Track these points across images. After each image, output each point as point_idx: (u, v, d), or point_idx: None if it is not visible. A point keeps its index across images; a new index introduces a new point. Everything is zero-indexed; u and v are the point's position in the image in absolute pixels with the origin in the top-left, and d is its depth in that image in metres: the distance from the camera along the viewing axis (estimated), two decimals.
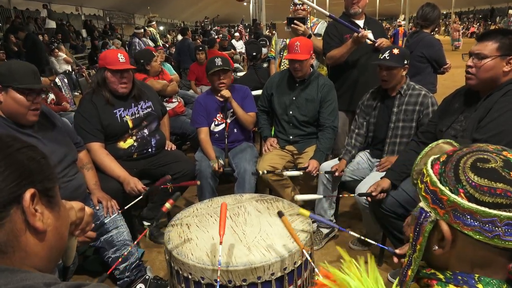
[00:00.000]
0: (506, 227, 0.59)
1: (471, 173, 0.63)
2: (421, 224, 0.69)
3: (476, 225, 0.61)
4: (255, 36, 8.95)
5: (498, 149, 0.66)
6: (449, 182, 0.65)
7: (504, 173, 0.61)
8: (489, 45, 1.61)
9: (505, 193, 0.60)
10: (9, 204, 0.56)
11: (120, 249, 1.99)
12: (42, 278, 0.56)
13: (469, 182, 0.62)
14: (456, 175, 0.64)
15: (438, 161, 0.69)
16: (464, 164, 0.64)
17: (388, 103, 2.32)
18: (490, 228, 0.60)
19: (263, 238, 1.55)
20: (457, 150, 0.69)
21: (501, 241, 0.60)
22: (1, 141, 0.60)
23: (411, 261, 0.73)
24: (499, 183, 0.60)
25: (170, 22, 28.08)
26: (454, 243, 0.65)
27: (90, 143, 2.26)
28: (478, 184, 0.61)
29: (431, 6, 3.15)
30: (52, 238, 0.63)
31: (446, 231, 0.65)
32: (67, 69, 8.83)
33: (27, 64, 1.83)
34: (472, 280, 0.64)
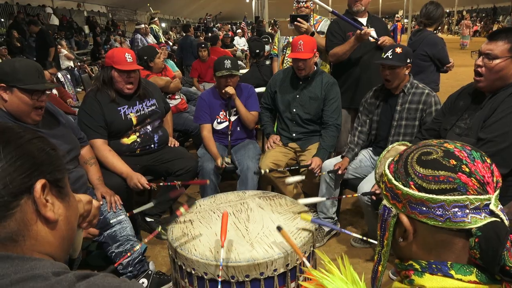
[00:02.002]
0: (454, 210, 0.65)
1: (417, 166, 0.69)
2: (386, 220, 0.75)
3: (428, 212, 0.67)
4: (258, 34, 8.95)
5: (441, 142, 0.72)
6: (401, 178, 0.71)
7: (445, 162, 0.67)
8: (501, 45, 1.59)
9: (447, 178, 0.66)
10: (20, 194, 0.57)
11: (123, 244, 2.00)
12: (51, 267, 0.56)
13: (416, 174, 0.69)
14: (406, 169, 0.71)
15: (393, 161, 0.76)
16: (411, 160, 0.71)
17: (391, 101, 2.32)
18: (441, 213, 0.66)
19: (266, 235, 1.56)
20: (407, 148, 0.76)
21: (452, 223, 0.66)
22: (13, 132, 0.61)
23: (381, 257, 0.80)
24: (441, 171, 0.67)
25: (173, 19, 28.04)
26: (415, 233, 0.71)
27: (94, 140, 2.27)
28: (424, 174, 0.68)
29: (435, 4, 3.14)
30: (63, 227, 0.64)
31: (406, 222, 0.71)
32: (70, 65, 8.84)
33: (32, 62, 1.83)
34: (445, 267, 0.68)
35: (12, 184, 0.56)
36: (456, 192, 0.66)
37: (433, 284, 0.68)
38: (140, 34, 8.20)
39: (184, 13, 30.33)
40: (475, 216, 0.65)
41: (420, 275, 0.71)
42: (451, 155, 0.68)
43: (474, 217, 0.65)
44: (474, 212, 0.65)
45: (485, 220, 0.65)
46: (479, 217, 0.65)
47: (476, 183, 0.66)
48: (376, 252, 0.81)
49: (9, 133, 0.60)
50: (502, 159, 1.57)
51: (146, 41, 7.93)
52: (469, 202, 0.65)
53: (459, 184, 0.66)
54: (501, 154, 1.57)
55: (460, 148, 0.70)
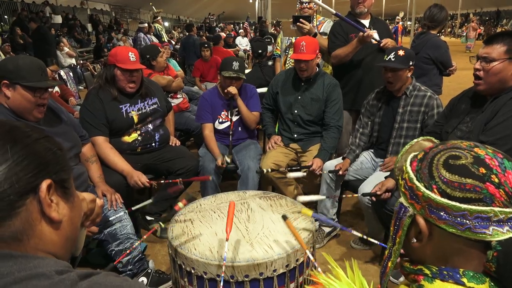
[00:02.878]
0: (476, 220, 0.63)
1: (443, 169, 0.66)
2: (401, 219, 0.73)
3: (449, 219, 0.64)
4: (260, 34, 8.95)
5: (471, 145, 0.68)
6: (424, 179, 0.68)
7: (474, 169, 0.64)
8: (497, 48, 1.61)
9: (474, 188, 0.63)
10: (26, 194, 0.57)
11: (123, 242, 2.01)
12: (54, 266, 0.57)
13: (441, 178, 0.66)
14: (430, 171, 0.67)
15: (416, 158, 0.73)
16: (437, 161, 0.67)
17: (393, 103, 2.32)
18: (461, 222, 0.64)
19: (266, 235, 1.56)
20: (434, 147, 0.72)
21: (472, 233, 0.64)
22: (20, 131, 0.61)
23: (391, 253, 0.77)
24: (469, 179, 0.63)
25: (175, 18, 28.08)
26: (430, 236, 0.68)
27: (95, 137, 2.27)
28: (449, 180, 0.65)
29: (439, 7, 3.13)
30: (67, 228, 0.64)
31: (422, 225, 0.68)
32: (72, 63, 8.85)
33: (35, 60, 1.83)
34: (457, 275, 0.66)
35: (19, 184, 0.56)
36: (481, 203, 0.63)
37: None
38: (143, 32, 8.20)
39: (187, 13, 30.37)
40: (497, 229, 0.63)
41: (430, 281, 0.68)
42: (481, 163, 0.64)
43: (496, 230, 0.63)
44: (496, 224, 0.63)
45: (507, 235, 0.63)
46: (501, 230, 0.63)
47: (504, 195, 0.63)
48: (387, 248, 0.79)
49: (17, 132, 0.60)
50: None
51: (149, 40, 7.93)
52: (494, 214, 0.62)
53: (485, 194, 0.63)
54: None
55: (491, 155, 0.66)
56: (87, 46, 12.68)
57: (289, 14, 3.35)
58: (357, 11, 2.83)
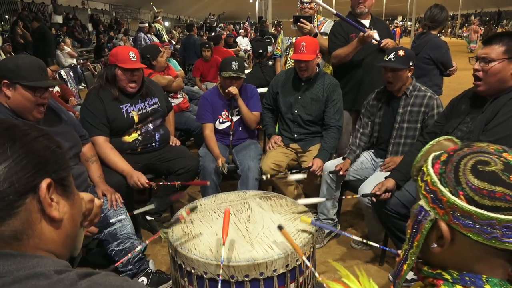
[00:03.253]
0: (504, 229, 0.60)
1: (471, 175, 0.63)
2: (420, 222, 0.70)
3: (475, 226, 0.62)
4: (261, 34, 8.95)
5: (499, 150, 0.66)
6: (449, 184, 0.65)
7: (504, 177, 0.61)
8: (496, 48, 1.61)
9: (504, 196, 0.60)
10: (25, 193, 0.57)
11: (123, 242, 2.01)
12: (53, 265, 0.56)
13: (469, 184, 0.63)
14: (456, 176, 0.65)
15: (439, 160, 0.69)
16: (464, 166, 0.65)
17: (394, 103, 2.32)
18: (488, 230, 0.61)
19: (266, 235, 1.56)
20: (458, 149, 0.69)
21: (499, 242, 0.61)
22: (19, 129, 0.60)
23: (407, 256, 0.74)
24: (499, 187, 0.61)
25: (176, 18, 28.08)
26: (452, 242, 0.66)
27: (95, 137, 2.27)
28: (478, 187, 0.62)
29: (439, 7, 3.13)
30: (68, 225, 0.64)
31: (445, 231, 0.66)
32: (72, 62, 8.86)
33: (35, 59, 1.83)
34: (480, 281, 0.64)
35: (18, 183, 0.56)
36: (511, 212, 0.60)
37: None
38: (144, 33, 8.21)
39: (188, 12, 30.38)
40: None
41: (450, 286, 0.66)
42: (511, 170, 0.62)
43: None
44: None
45: None
46: None
47: None
48: (402, 250, 0.76)
49: (15, 130, 0.60)
50: None
51: (149, 39, 7.93)
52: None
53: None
54: None
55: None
56: (88, 45, 12.68)
57: (290, 14, 3.35)
58: (357, 11, 2.83)
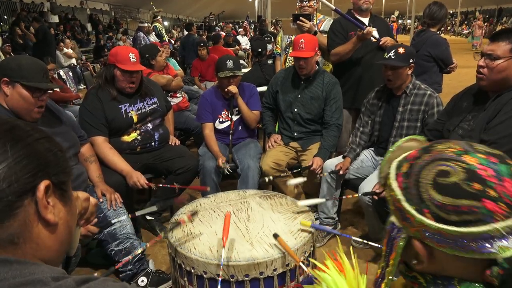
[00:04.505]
0: (478, 241, 0.58)
1: (433, 191, 0.60)
2: (394, 239, 0.67)
3: (448, 242, 0.59)
4: (260, 33, 8.94)
5: (460, 152, 0.61)
6: (413, 201, 0.62)
7: (467, 187, 0.58)
8: (502, 46, 1.59)
9: (471, 209, 0.57)
10: (24, 194, 0.56)
11: (123, 242, 2.00)
12: (50, 272, 0.55)
13: (433, 201, 0.59)
14: (419, 193, 0.61)
15: (401, 172, 0.66)
16: (425, 181, 0.61)
17: (393, 102, 2.31)
18: (463, 244, 0.58)
19: (266, 234, 1.56)
20: (418, 157, 0.65)
21: (477, 253, 0.58)
22: (21, 130, 0.60)
23: (384, 274, 0.70)
24: (463, 200, 0.58)
25: (175, 18, 28.05)
26: (432, 256, 0.63)
27: (94, 137, 2.27)
28: (442, 203, 0.59)
29: (438, 4, 3.12)
30: (62, 231, 0.63)
31: (420, 249, 0.63)
32: (72, 62, 8.85)
33: (37, 61, 1.83)
34: (452, 285, 0.62)
35: (17, 183, 0.55)
36: (480, 223, 0.57)
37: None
38: (143, 32, 8.19)
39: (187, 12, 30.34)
40: (503, 245, 0.57)
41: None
42: (474, 177, 0.58)
43: (502, 246, 0.57)
44: (502, 239, 0.57)
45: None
46: (508, 245, 0.57)
47: (505, 208, 0.57)
48: (379, 266, 0.73)
49: (18, 130, 0.59)
50: None
51: (148, 39, 7.92)
52: (495, 231, 0.57)
53: (483, 213, 0.57)
54: None
55: (485, 164, 0.59)
56: (87, 46, 12.67)
57: (289, 13, 3.34)
58: (363, 7, 2.81)
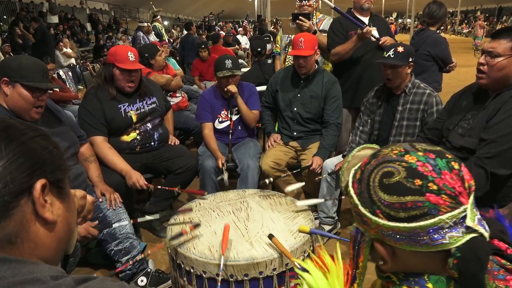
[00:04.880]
0: (430, 234, 0.61)
1: (380, 192, 0.63)
2: (359, 243, 0.71)
3: (403, 239, 0.63)
4: (260, 32, 8.93)
5: (402, 152, 0.65)
6: (367, 204, 0.66)
7: (409, 184, 0.61)
8: (503, 44, 1.59)
9: (415, 204, 0.61)
10: (20, 194, 0.56)
11: (123, 242, 2.00)
12: (49, 271, 0.55)
13: (382, 201, 0.63)
14: (370, 196, 0.65)
15: (356, 179, 0.70)
16: (373, 183, 0.65)
17: (393, 101, 2.31)
18: (417, 239, 0.62)
19: (265, 234, 1.56)
20: (367, 163, 0.68)
21: (432, 246, 0.62)
22: (15, 128, 0.59)
23: (355, 276, 0.75)
24: (407, 196, 0.61)
25: (175, 17, 28.03)
26: (395, 255, 0.67)
27: (93, 137, 2.26)
28: (389, 202, 0.62)
29: (438, 3, 3.12)
30: (61, 229, 0.63)
31: (381, 251, 0.67)
32: (71, 62, 8.84)
33: (38, 61, 1.83)
34: (422, 280, 0.65)
35: (13, 183, 0.55)
36: (427, 216, 0.61)
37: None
38: (142, 32, 8.18)
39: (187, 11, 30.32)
40: (453, 235, 0.61)
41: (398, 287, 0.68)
42: (414, 174, 0.62)
43: (452, 236, 0.61)
44: (451, 230, 0.61)
45: (464, 238, 0.61)
46: (457, 234, 0.61)
47: (448, 199, 0.61)
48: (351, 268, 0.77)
49: (12, 130, 0.58)
50: (504, 160, 1.56)
51: (148, 39, 7.91)
52: (443, 222, 0.60)
53: (428, 207, 0.60)
54: (503, 155, 1.56)
55: (423, 160, 0.63)
56: (87, 45, 12.66)
57: (289, 12, 3.33)
58: (365, 7, 2.81)
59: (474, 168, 1.58)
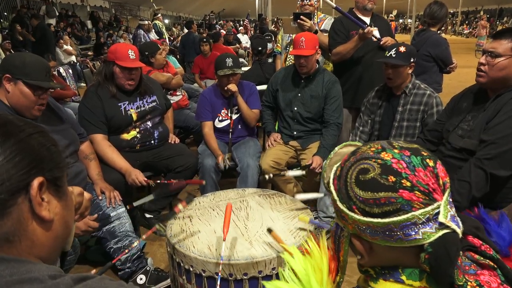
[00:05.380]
0: (403, 230, 0.62)
1: (356, 188, 0.65)
2: (339, 238, 0.74)
3: (378, 234, 0.64)
4: (261, 31, 8.93)
5: (378, 150, 0.66)
6: (344, 200, 0.68)
7: (383, 180, 0.63)
8: (504, 44, 1.59)
9: (389, 200, 0.62)
10: (17, 192, 0.55)
11: (122, 240, 2.00)
12: (47, 270, 0.55)
13: (357, 197, 0.65)
14: (347, 192, 0.67)
15: (336, 175, 0.72)
16: (350, 179, 0.67)
17: (393, 102, 2.31)
18: (390, 234, 0.63)
19: (265, 233, 1.56)
20: (347, 160, 0.70)
21: (405, 242, 0.63)
22: (13, 125, 0.58)
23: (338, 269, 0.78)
24: (381, 192, 0.63)
25: (176, 15, 27.99)
26: (371, 251, 0.69)
27: (93, 135, 2.26)
28: (364, 198, 0.64)
29: (439, 4, 3.12)
30: (58, 227, 0.62)
31: (358, 246, 0.69)
32: (72, 60, 8.83)
33: (41, 59, 1.83)
34: (397, 273, 0.67)
35: (10, 181, 0.54)
36: (400, 212, 0.62)
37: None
38: (143, 30, 8.17)
39: (187, 10, 30.27)
40: (426, 230, 0.62)
41: (375, 281, 0.70)
42: (388, 170, 0.63)
43: (425, 231, 0.62)
44: (424, 225, 0.62)
45: (437, 234, 0.62)
46: (430, 230, 0.62)
47: (421, 196, 0.62)
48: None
49: (10, 126, 0.58)
50: (504, 161, 1.56)
51: (148, 37, 7.90)
52: (417, 218, 0.62)
53: (402, 203, 0.62)
54: (503, 156, 1.56)
55: (398, 157, 0.64)
56: (87, 43, 12.64)
57: (289, 12, 3.33)
58: (368, 7, 2.80)
59: (474, 169, 1.58)
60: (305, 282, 0.79)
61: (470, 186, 1.56)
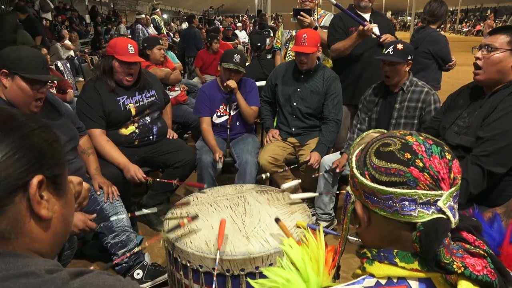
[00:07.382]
0: (402, 203, 0.67)
1: (373, 156, 0.71)
2: (346, 205, 0.79)
3: (379, 202, 0.69)
4: (260, 27, 8.90)
5: (405, 133, 0.72)
6: (360, 167, 0.73)
7: (399, 155, 0.68)
8: (501, 38, 1.60)
9: (398, 172, 0.67)
10: (15, 190, 0.54)
11: (119, 235, 2.00)
12: (44, 265, 0.54)
13: (371, 164, 0.70)
14: (364, 159, 0.73)
15: (361, 149, 0.77)
16: (371, 150, 0.72)
17: (390, 99, 2.31)
18: (389, 204, 0.68)
19: (262, 229, 1.56)
20: (376, 137, 0.76)
21: (399, 215, 0.67)
22: (16, 119, 0.57)
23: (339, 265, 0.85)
24: (394, 164, 0.67)
25: (175, 10, 27.86)
26: (369, 222, 0.74)
27: (92, 129, 2.25)
28: (377, 165, 0.69)
29: (439, 1, 3.12)
30: (57, 225, 0.61)
31: (358, 210, 0.74)
32: (70, 54, 8.78)
33: (38, 53, 1.81)
34: (391, 256, 0.70)
35: (8, 179, 0.53)
36: (405, 186, 0.66)
37: (380, 272, 0.70)
38: (141, 24, 8.12)
39: (187, 5, 30.13)
40: (423, 211, 0.66)
41: (370, 263, 0.73)
42: (407, 148, 0.68)
43: (422, 212, 0.66)
44: (423, 207, 0.66)
45: (432, 216, 0.66)
46: (427, 212, 0.66)
47: (429, 178, 0.66)
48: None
49: (12, 121, 0.57)
50: (501, 157, 1.57)
51: (147, 32, 7.86)
52: (418, 196, 0.66)
53: (409, 178, 0.66)
54: (499, 153, 1.56)
55: (420, 141, 0.69)
56: (85, 37, 12.57)
57: (290, 7, 3.31)
58: (362, 5, 2.79)
59: (470, 166, 1.59)
60: (302, 270, 0.83)
61: (467, 183, 1.56)
